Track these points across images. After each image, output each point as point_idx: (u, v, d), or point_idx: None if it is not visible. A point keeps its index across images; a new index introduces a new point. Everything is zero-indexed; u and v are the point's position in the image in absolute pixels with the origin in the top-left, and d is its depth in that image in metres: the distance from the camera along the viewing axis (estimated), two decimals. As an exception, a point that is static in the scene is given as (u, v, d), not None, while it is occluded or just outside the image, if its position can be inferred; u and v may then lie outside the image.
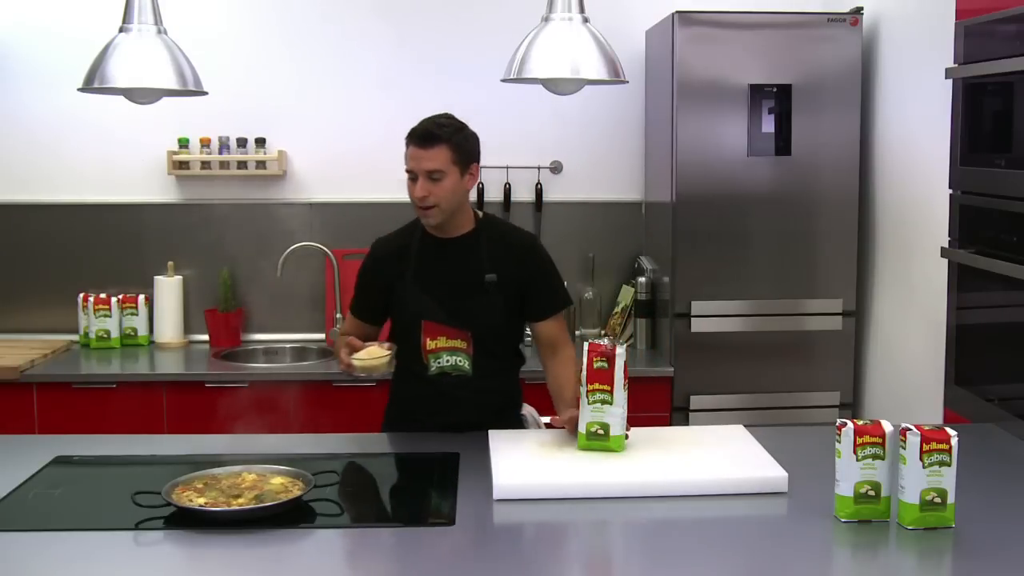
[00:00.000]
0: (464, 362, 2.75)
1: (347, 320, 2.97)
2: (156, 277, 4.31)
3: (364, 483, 2.41)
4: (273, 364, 4.18)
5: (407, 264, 2.78)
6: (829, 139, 3.94)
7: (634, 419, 2.53)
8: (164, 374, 3.93)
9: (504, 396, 2.89)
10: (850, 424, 2.08)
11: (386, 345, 2.67)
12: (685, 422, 3.94)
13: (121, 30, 2.86)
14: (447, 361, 2.75)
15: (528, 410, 2.99)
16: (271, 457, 2.43)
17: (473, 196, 4.37)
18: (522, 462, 2.39)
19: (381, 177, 4.39)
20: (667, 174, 4.00)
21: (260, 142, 4.34)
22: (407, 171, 2.71)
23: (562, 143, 4.45)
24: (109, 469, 2.54)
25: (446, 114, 2.79)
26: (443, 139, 2.67)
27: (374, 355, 2.62)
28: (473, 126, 4.35)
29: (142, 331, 4.30)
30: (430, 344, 2.75)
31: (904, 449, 2.04)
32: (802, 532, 2.09)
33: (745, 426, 2.66)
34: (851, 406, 4.05)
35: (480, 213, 2.86)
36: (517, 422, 2.92)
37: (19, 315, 4.36)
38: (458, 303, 2.74)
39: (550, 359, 2.86)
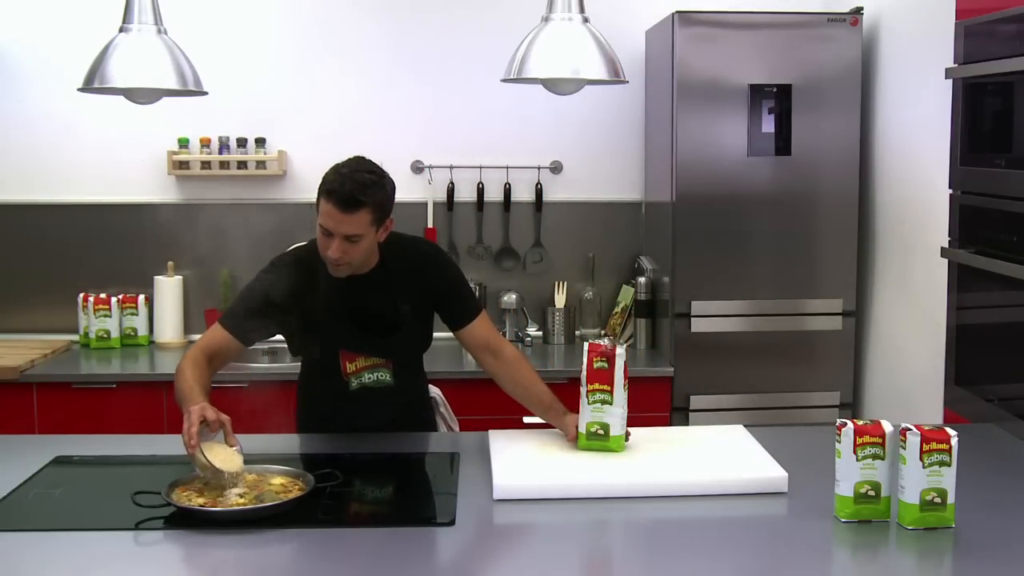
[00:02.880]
0: (386, 375, 2.70)
1: (212, 332, 2.67)
2: (156, 277, 4.31)
3: (364, 483, 2.40)
4: (273, 364, 4.18)
5: (316, 293, 2.63)
6: (829, 139, 3.94)
7: (634, 419, 2.53)
8: (164, 374, 3.92)
9: (420, 388, 2.89)
10: (850, 424, 2.08)
11: (236, 448, 2.29)
12: (685, 422, 3.94)
13: (121, 30, 2.87)
14: (369, 378, 2.70)
15: (434, 390, 3.01)
16: (271, 457, 2.43)
17: (473, 197, 4.39)
18: (522, 462, 2.39)
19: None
20: (667, 174, 4.00)
21: (260, 142, 4.34)
22: (320, 225, 2.51)
23: (562, 143, 4.45)
24: (109, 469, 2.54)
25: (364, 163, 2.56)
26: (366, 204, 2.46)
27: (226, 460, 2.24)
28: (473, 126, 4.43)
29: (142, 331, 4.30)
30: (350, 367, 2.69)
31: (904, 449, 2.04)
32: (802, 532, 2.09)
33: (745, 426, 2.66)
34: (851, 406, 4.05)
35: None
36: (429, 408, 2.94)
37: (19, 315, 4.36)
38: (377, 339, 2.67)
39: (492, 363, 2.73)
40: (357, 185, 2.46)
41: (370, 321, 2.68)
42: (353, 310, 2.66)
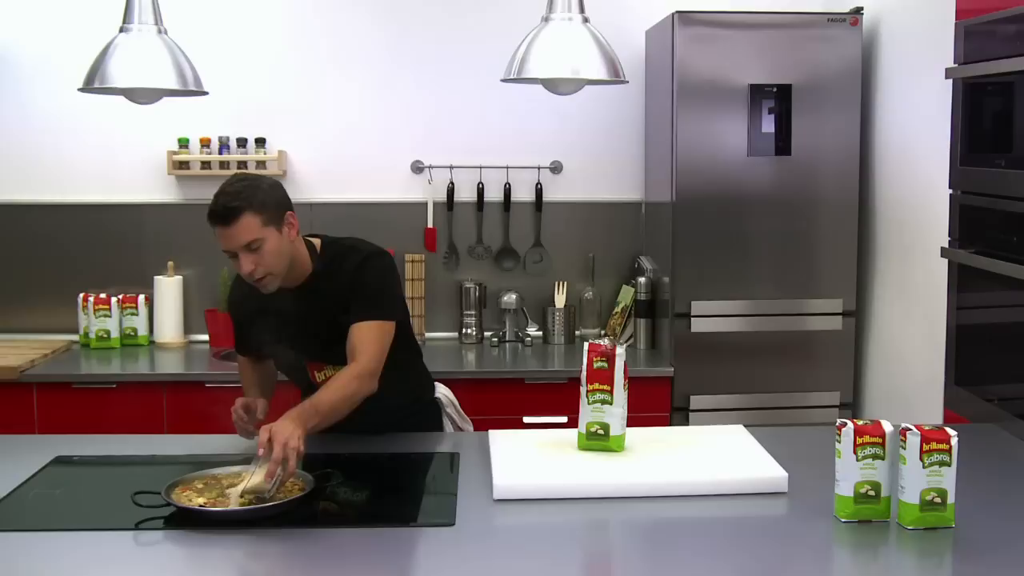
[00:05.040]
0: None
1: (240, 363, 2.87)
2: (156, 277, 4.31)
3: (364, 483, 2.40)
4: (273, 364, 4.18)
5: (264, 310, 2.65)
6: (829, 139, 3.94)
7: (634, 419, 2.53)
8: (164, 374, 3.93)
9: (410, 391, 2.87)
10: (850, 424, 2.08)
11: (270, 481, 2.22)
12: (685, 422, 3.94)
13: (121, 30, 2.87)
14: None
15: (442, 391, 2.98)
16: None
17: (472, 197, 4.39)
18: (522, 462, 2.39)
19: (381, 177, 4.40)
20: (667, 174, 4.00)
21: (260, 142, 4.34)
22: (224, 251, 2.53)
23: (562, 143, 4.45)
24: (109, 469, 2.54)
25: (236, 176, 2.59)
26: (243, 209, 2.45)
27: (256, 484, 2.22)
28: (473, 126, 4.43)
29: (142, 331, 4.30)
30: (319, 376, 2.69)
31: (904, 449, 2.05)
32: (802, 532, 2.09)
33: (745, 426, 2.66)
34: (851, 406, 4.05)
35: (316, 244, 2.69)
36: (434, 408, 2.92)
37: (19, 315, 4.36)
38: (331, 347, 2.64)
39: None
40: (227, 196, 2.48)
41: (316, 333, 2.65)
42: (296, 323, 2.65)
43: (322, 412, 2.45)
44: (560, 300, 4.40)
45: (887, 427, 2.08)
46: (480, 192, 4.40)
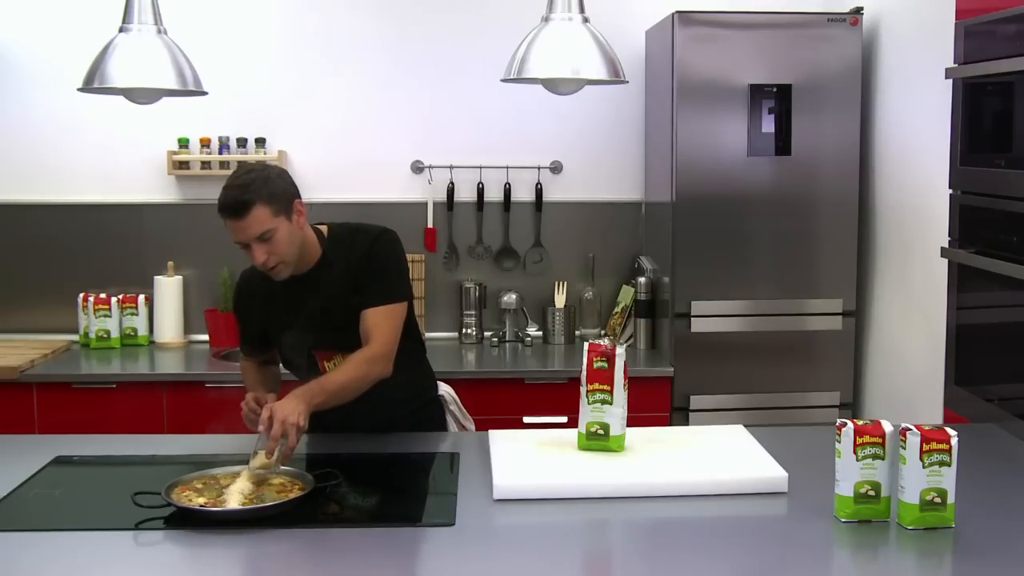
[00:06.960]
0: None
1: (243, 367, 2.87)
2: (156, 277, 4.31)
3: (364, 483, 2.40)
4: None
5: (278, 300, 2.68)
6: (829, 139, 3.94)
7: (634, 419, 2.53)
8: (164, 374, 3.93)
9: (415, 384, 2.87)
10: (850, 424, 2.08)
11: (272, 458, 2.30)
12: (685, 422, 3.94)
13: (121, 30, 2.87)
14: None
15: (445, 388, 2.99)
16: (271, 457, 2.43)
17: (473, 197, 4.39)
18: (522, 462, 2.39)
19: (381, 177, 4.40)
20: (667, 174, 4.00)
21: (260, 142, 4.34)
22: (236, 243, 2.55)
23: (562, 143, 4.45)
24: (109, 469, 2.54)
25: (243, 167, 2.59)
26: (253, 201, 2.47)
27: (261, 463, 2.29)
28: (473, 126, 4.44)
29: (142, 331, 4.30)
30: (328, 366, 2.69)
31: (904, 449, 2.05)
32: (802, 532, 2.09)
33: (745, 426, 2.66)
34: (851, 406, 4.05)
35: (324, 230, 2.72)
36: (437, 406, 2.93)
37: (19, 315, 4.36)
38: (340, 332, 2.65)
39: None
40: (237, 190, 2.49)
41: (327, 317, 2.67)
42: (307, 309, 2.66)
43: (329, 391, 2.48)
44: (560, 300, 4.40)
45: (887, 427, 2.08)
46: (480, 192, 4.40)
